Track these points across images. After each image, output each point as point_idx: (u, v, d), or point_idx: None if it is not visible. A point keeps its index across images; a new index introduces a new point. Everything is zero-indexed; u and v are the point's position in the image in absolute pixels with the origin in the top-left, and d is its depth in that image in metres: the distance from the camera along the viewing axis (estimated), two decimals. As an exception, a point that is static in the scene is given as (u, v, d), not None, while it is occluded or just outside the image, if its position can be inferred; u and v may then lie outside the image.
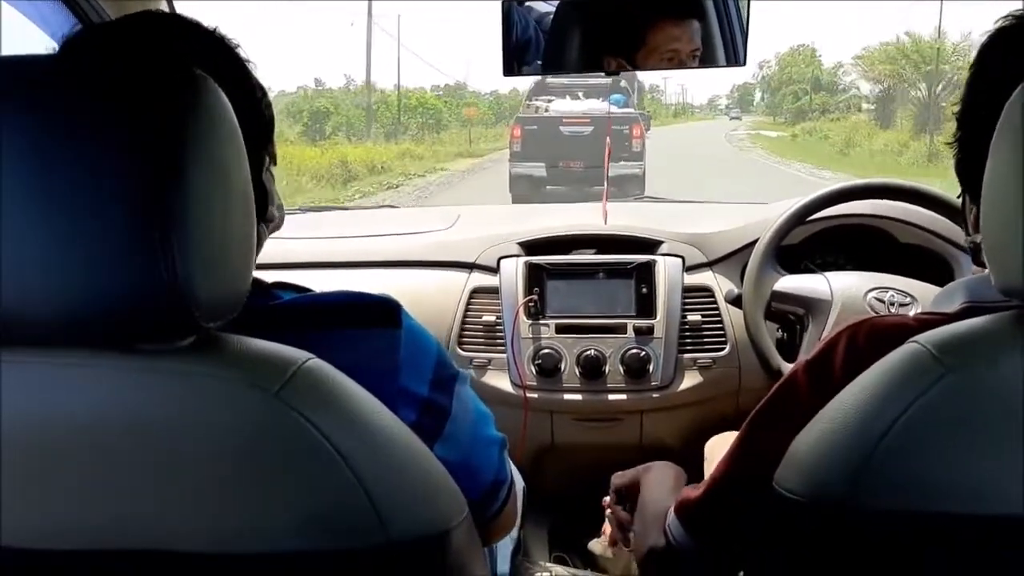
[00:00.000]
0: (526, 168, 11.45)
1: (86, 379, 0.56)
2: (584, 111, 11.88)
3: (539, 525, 1.70)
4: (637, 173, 10.93)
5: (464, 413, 0.80)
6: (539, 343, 1.57)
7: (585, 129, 11.46)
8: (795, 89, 46.04)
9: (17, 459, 0.55)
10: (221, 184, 0.57)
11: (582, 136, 11.36)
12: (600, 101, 12.29)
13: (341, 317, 0.72)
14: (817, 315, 1.43)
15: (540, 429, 1.61)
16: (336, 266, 1.69)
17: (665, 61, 1.19)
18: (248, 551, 0.56)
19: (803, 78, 49.84)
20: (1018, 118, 0.59)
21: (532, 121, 12.01)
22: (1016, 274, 0.60)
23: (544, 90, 13.11)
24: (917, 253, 1.61)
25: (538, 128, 11.74)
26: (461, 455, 0.76)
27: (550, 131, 11.58)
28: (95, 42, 0.73)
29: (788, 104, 46.06)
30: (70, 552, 0.56)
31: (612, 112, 12.01)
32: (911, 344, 0.62)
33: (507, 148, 12.44)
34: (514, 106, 25.46)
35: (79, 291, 0.54)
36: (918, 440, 0.59)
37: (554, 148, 11.32)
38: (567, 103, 12.49)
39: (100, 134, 0.53)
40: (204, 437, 0.55)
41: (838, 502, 0.62)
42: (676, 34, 1.17)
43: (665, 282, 1.59)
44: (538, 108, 12.64)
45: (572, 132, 11.49)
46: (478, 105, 33.74)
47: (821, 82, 46.34)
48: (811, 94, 43.74)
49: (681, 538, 0.86)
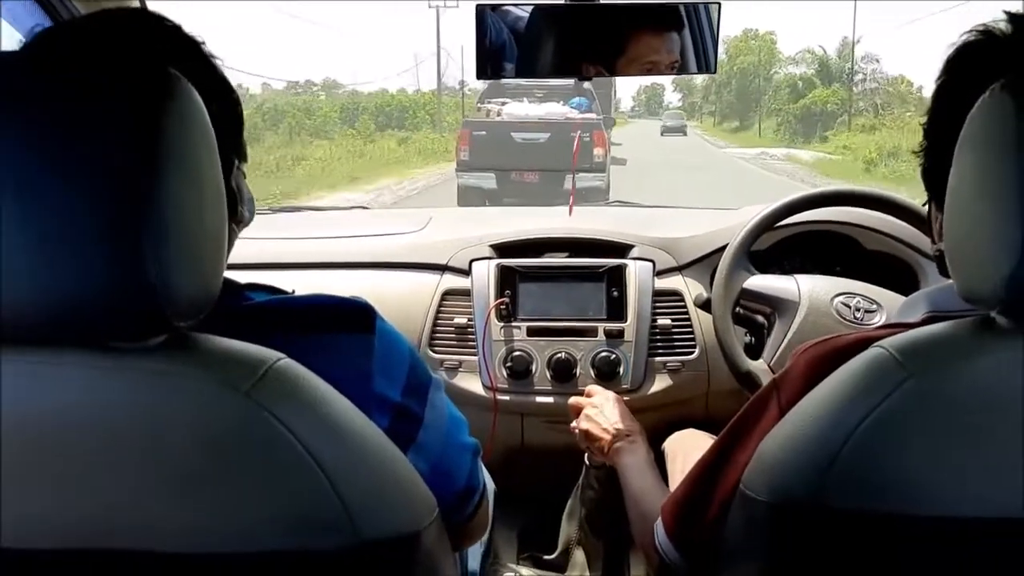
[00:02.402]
0: (475, 179, 10.32)
1: (58, 377, 0.56)
2: (541, 116, 10.69)
3: (509, 526, 1.71)
4: (600, 186, 9.86)
5: (437, 420, 0.79)
6: (510, 345, 1.58)
7: (540, 136, 10.24)
8: (792, 81, 38.32)
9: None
10: (194, 183, 0.57)
11: (537, 144, 10.16)
12: (560, 105, 11.12)
13: (314, 321, 0.72)
14: (784, 315, 1.45)
15: (511, 431, 1.61)
16: (308, 267, 1.68)
17: (644, 71, 1.20)
18: (218, 550, 0.56)
19: (757, 71, 44.16)
20: (980, 128, 0.61)
21: (481, 126, 10.72)
22: (978, 280, 0.61)
23: (499, 92, 11.81)
24: (883, 260, 1.63)
25: (488, 134, 10.46)
26: (433, 462, 0.76)
27: (501, 138, 10.34)
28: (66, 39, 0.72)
29: (781, 104, 36.80)
30: (41, 551, 0.56)
31: (570, 117, 10.63)
32: (875, 349, 0.63)
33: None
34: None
35: (51, 289, 0.54)
36: (882, 442, 0.60)
37: (505, 157, 10.11)
38: (523, 106, 11.17)
39: (73, 132, 0.53)
40: (175, 436, 0.55)
41: (804, 504, 0.63)
42: (656, 45, 1.19)
43: (636, 286, 1.60)
44: (489, 112, 11.30)
45: (525, 139, 10.27)
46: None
47: (830, 69, 37.45)
48: (821, 86, 35.13)
49: (673, 555, 0.86)
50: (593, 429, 1.30)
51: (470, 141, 10.39)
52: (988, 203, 0.59)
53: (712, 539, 0.79)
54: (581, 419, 1.35)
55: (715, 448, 0.83)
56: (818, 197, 1.50)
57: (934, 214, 0.80)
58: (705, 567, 0.83)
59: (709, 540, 0.80)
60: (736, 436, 0.80)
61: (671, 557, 0.86)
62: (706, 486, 0.82)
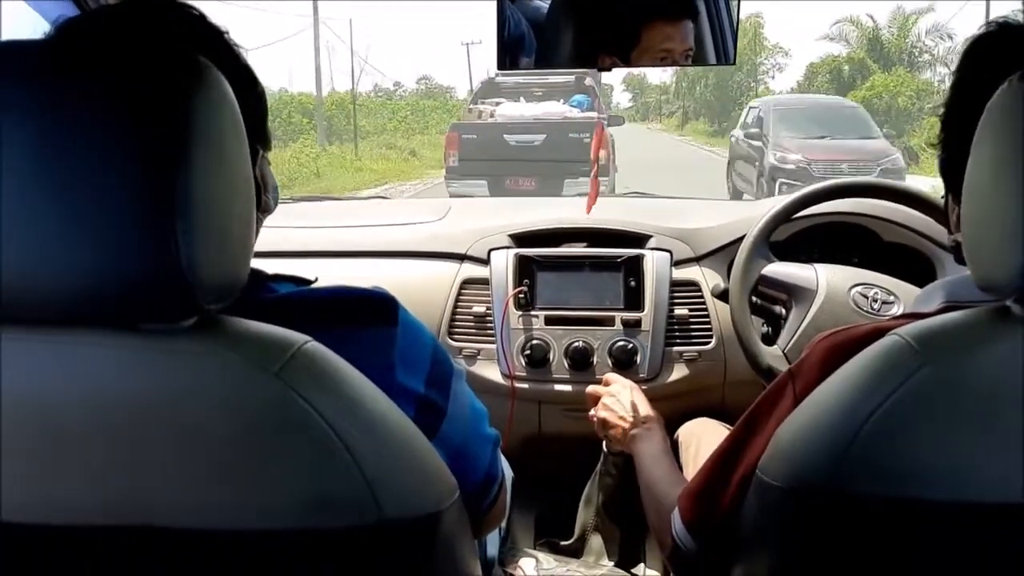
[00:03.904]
0: (465, 186, 9.13)
1: (89, 358, 0.57)
2: (537, 116, 9.74)
3: (526, 512, 1.72)
4: (603, 192, 8.71)
5: (460, 411, 0.80)
6: (528, 334, 1.59)
7: (536, 138, 9.26)
8: (834, 65, 26.14)
9: (19, 436, 0.57)
10: (224, 169, 0.58)
11: (532, 147, 9.20)
12: (560, 103, 10.17)
13: (338, 314, 0.73)
14: (801, 302, 1.45)
15: (528, 419, 1.63)
16: (329, 255, 1.70)
17: (659, 60, 1.20)
18: (244, 528, 0.57)
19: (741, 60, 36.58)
20: (997, 118, 0.61)
21: (471, 129, 9.73)
22: (994, 269, 0.62)
23: (495, 91, 10.79)
24: (901, 252, 1.63)
25: (478, 137, 9.47)
26: (455, 452, 0.77)
27: (493, 141, 9.36)
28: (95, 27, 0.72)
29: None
30: (71, 527, 0.57)
31: (569, 117, 9.70)
32: (891, 336, 0.64)
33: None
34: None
35: (83, 271, 0.55)
36: (897, 428, 0.61)
37: (497, 162, 9.17)
38: (518, 106, 10.19)
39: (106, 119, 0.54)
40: (204, 416, 0.56)
41: (820, 489, 0.63)
42: (670, 33, 1.19)
43: (653, 276, 1.61)
44: (481, 113, 10.25)
45: (520, 142, 9.31)
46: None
47: (883, 47, 25.16)
48: (880, 70, 23.48)
49: (689, 544, 0.87)
50: (610, 417, 1.32)
51: (459, 145, 9.42)
52: (1005, 192, 0.59)
53: (728, 526, 0.80)
54: (599, 407, 1.36)
55: (731, 437, 0.84)
56: (835, 188, 1.50)
57: (951, 205, 0.80)
58: (720, 554, 0.83)
59: (725, 527, 0.81)
60: (752, 425, 0.81)
61: (688, 545, 0.87)
62: (722, 474, 0.83)
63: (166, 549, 0.58)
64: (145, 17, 0.73)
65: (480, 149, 9.31)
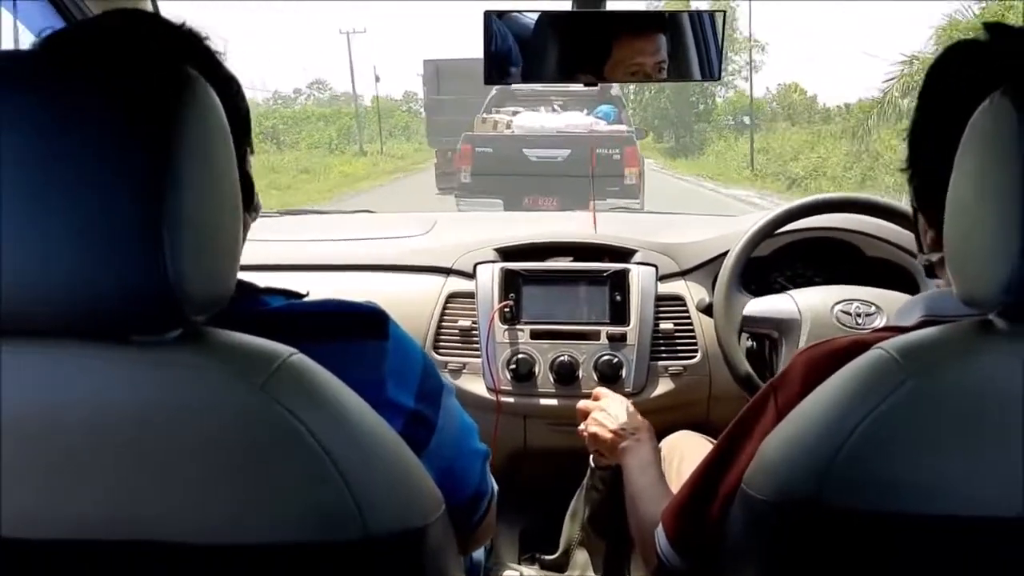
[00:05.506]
0: (477, 205, 8.27)
1: (78, 370, 0.57)
2: (560, 128, 8.79)
3: (510, 527, 1.72)
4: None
5: (449, 426, 0.80)
6: (514, 348, 1.59)
7: (559, 153, 8.42)
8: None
9: (8, 448, 0.56)
10: (212, 181, 0.58)
11: (555, 163, 8.36)
12: (584, 115, 9.27)
13: (329, 327, 0.73)
14: (789, 335, 1.46)
15: (514, 433, 1.63)
16: (314, 269, 1.70)
17: (630, 74, 1.22)
18: (227, 542, 0.57)
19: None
20: (980, 134, 0.62)
21: (486, 141, 8.78)
22: (979, 283, 0.62)
23: (511, 99, 9.82)
24: (883, 266, 1.65)
25: (494, 151, 8.57)
26: (445, 467, 0.77)
27: (511, 156, 8.49)
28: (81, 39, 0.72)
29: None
30: (59, 541, 0.57)
31: (596, 130, 8.81)
32: (875, 350, 0.64)
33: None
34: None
35: (72, 283, 0.55)
36: (882, 442, 0.61)
37: (516, 179, 8.29)
38: (539, 116, 9.24)
39: (93, 131, 0.54)
40: (189, 428, 0.56)
41: (804, 502, 0.63)
42: (640, 47, 1.21)
43: (639, 290, 1.62)
44: (497, 123, 9.23)
45: (541, 158, 8.46)
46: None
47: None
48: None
49: (676, 561, 0.87)
50: (600, 432, 1.31)
51: (472, 159, 8.53)
52: (988, 208, 0.60)
53: (714, 541, 0.80)
54: (589, 422, 1.36)
55: (714, 452, 0.84)
56: (815, 204, 1.52)
57: (922, 225, 0.81)
58: (706, 569, 0.83)
59: (711, 543, 0.80)
60: (735, 439, 0.81)
61: (673, 562, 0.87)
62: (707, 489, 0.83)
63: (153, 562, 0.57)
64: (128, 27, 0.73)
65: (497, 164, 8.46)
